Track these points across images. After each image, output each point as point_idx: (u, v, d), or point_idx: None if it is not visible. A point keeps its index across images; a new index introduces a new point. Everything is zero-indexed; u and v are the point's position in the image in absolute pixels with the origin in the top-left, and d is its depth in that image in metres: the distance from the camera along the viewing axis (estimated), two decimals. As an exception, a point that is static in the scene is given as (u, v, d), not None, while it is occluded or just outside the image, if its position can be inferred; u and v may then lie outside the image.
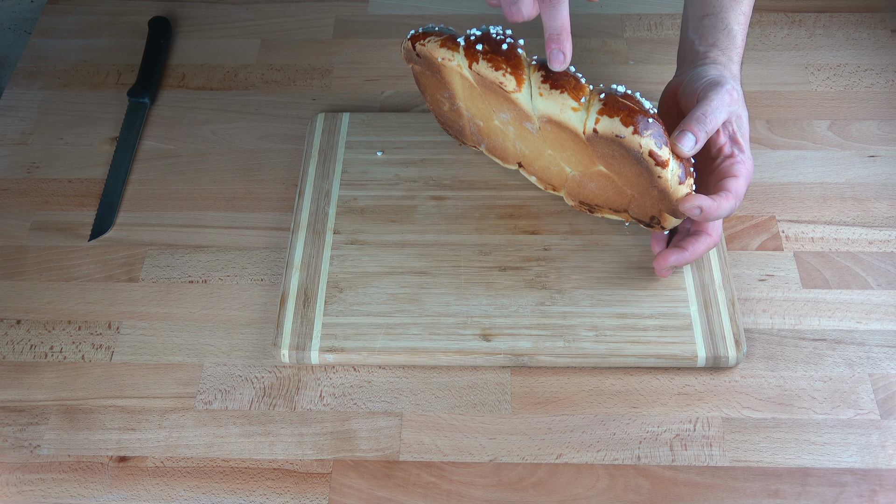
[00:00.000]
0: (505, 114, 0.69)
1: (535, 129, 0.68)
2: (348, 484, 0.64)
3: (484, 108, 0.71)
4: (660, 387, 0.68)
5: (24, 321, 0.73)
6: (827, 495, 0.63)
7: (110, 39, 0.96)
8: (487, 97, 0.69)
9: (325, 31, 0.96)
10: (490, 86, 0.67)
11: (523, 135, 0.71)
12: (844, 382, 0.68)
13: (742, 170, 0.66)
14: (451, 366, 0.70)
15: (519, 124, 0.69)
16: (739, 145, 0.67)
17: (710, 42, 0.72)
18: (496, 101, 0.68)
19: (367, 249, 0.75)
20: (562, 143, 0.68)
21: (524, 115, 0.67)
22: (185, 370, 0.70)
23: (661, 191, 0.65)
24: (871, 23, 0.94)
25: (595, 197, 0.72)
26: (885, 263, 0.75)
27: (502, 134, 0.73)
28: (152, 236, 0.78)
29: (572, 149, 0.68)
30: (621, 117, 0.62)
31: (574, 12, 0.95)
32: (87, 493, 0.64)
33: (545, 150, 0.71)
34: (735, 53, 0.72)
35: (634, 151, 0.62)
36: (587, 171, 0.70)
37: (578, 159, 0.69)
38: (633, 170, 0.65)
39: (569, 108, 0.64)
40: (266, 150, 0.85)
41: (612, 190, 0.70)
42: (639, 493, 0.63)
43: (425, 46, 0.68)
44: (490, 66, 0.65)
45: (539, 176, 0.76)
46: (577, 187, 0.73)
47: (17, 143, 0.86)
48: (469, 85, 0.69)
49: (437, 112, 0.78)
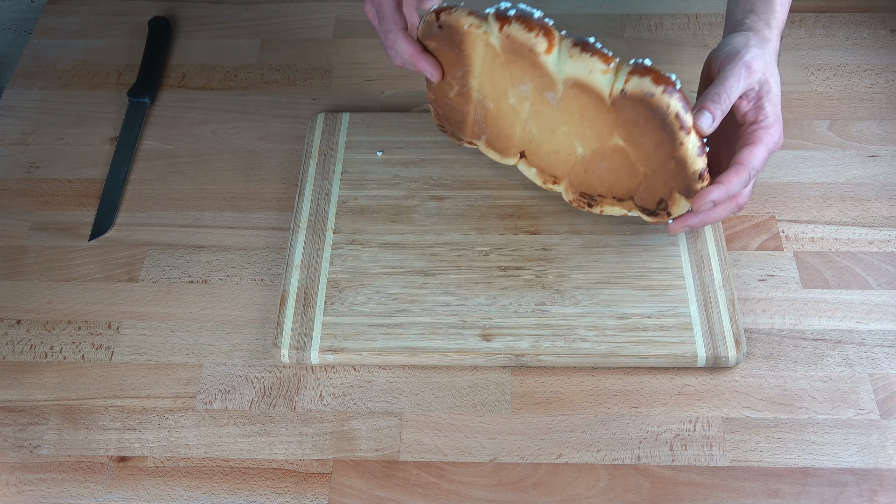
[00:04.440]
0: (525, 85, 0.69)
1: (557, 99, 0.68)
2: (348, 484, 0.64)
3: (501, 82, 0.70)
4: (660, 387, 0.68)
5: (24, 321, 0.73)
6: (827, 495, 0.63)
7: (110, 39, 0.96)
8: (510, 67, 0.68)
9: (325, 31, 0.96)
10: (518, 50, 0.67)
11: (539, 110, 0.70)
12: (844, 382, 0.68)
13: (763, 136, 0.66)
14: (451, 366, 0.70)
15: (539, 96, 0.69)
16: (764, 111, 0.67)
17: (747, 8, 0.72)
18: (519, 69, 0.68)
19: (367, 249, 0.75)
20: (582, 112, 0.68)
21: (548, 83, 0.67)
22: (185, 370, 0.70)
23: (679, 162, 0.65)
24: (871, 23, 0.94)
25: (601, 182, 0.72)
26: (885, 263, 0.75)
27: (512, 115, 0.72)
28: (152, 236, 0.78)
29: (592, 119, 0.68)
30: (651, 77, 0.63)
31: (574, 12, 0.96)
32: (87, 493, 0.64)
33: (560, 126, 0.70)
34: (773, 18, 0.72)
35: (662, 112, 0.63)
36: (602, 146, 0.69)
37: (595, 132, 0.69)
38: (653, 139, 0.65)
39: (598, 71, 0.65)
40: (266, 150, 0.85)
41: (623, 170, 0.70)
42: (639, 493, 0.63)
43: (451, 15, 0.68)
44: (522, 27, 0.66)
45: (541, 167, 0.75)
46: (584, 172, 0.72)
47: (17, 143, 0.86)
48: (492, 55, 0.69)
49: (439, 103, 0.77)
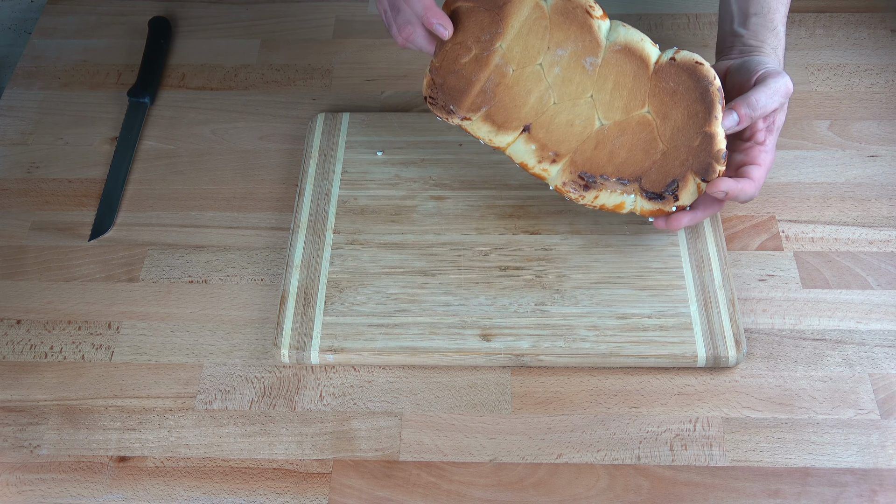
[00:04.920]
0: (564, 49, 0.70)
1: (595, 65, 0.70)
2: (348, 484, 0.64)
3: (535, 45, 0.71)
4: (660, 387, 0.68)
5: (24, 321, 0.73)
6: (827, 495, 0.63)
7: (110, 39, 0.96)
8: (555, 29, 0.70)
9: (325, 31, 0.96)
10: (572, 13, 0.69)
11: (568, 77, 0.70)
12: (844, 382, 0.68)
13: (767, 159, 0.69)
14: (451, 366, 0.70)
15: (574, 61, 0.70)
16: (771, 136, 0.70)
17: (760, 39, 0.74)
18: (562, 32, 0.70)
19: (367, 249, 0.75)
20: (619, 78, 0.69)
21: (591, 47, 0.69)
22: (185, 370, 0.70)
23: (706, 137, 0.67)
24: (871, 23, 0.94)
25: (610, 160, 0.70)
26: (885, 263, 0.75)
27: (532, 82, 0.71)
28: (152, 236, 0.78)
29: (627, 86, 0.69)
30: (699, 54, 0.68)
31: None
32: (87, 493, 0.64)
33: (586, 94, 0.70)
34: (782, 53, 0.75)
35: (707, 82, 0.67)
36: (626, 117, 0.69)
37: (624, 102, 0.70)
38: (687, 110, 0.68)
39: (648, 41, 0.69)
40: (266, 150, 0.85)
41: (641, 145, 0.69)
42: (639, 493, 0.63)
43: None
44: None
45: (545, 142, 0.71)
46: (594, 148, 0.70)
47: (17, 143, 0.86)
48: (536, 16, 0.70)
49: (444, 69, 0.72)
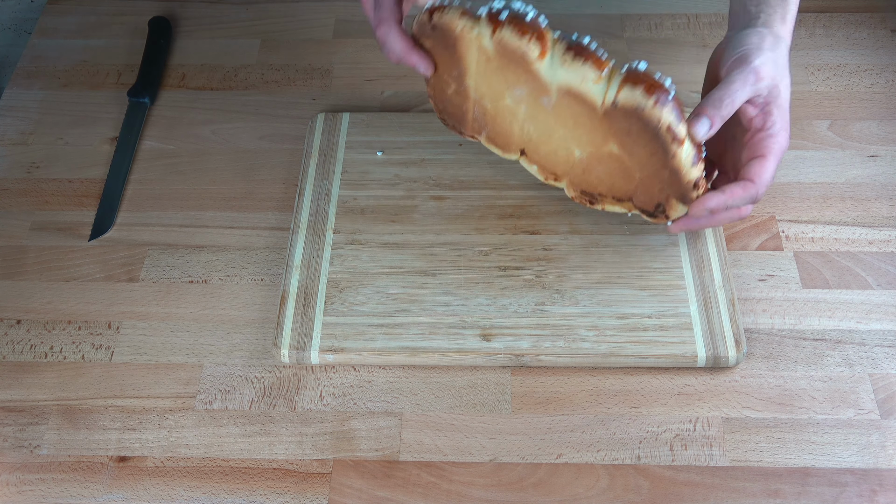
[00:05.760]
0: (520, 89, 0.67)
1: (551, 104, 0.67)
2: (348, 484, 0.64)
3: (497, 84, 0.69)
4: (660, 387, 0.68)
5: (24, 321, 0.73)
6: (827, 495, 0.63)
7: (110, 39, 0.96)
8: (504, 71, 0.67)
9: (325, 31, 0.96)
10: (511, 56, 0.65)
11: (535, 113, 0.69)
12: (844, 382, 0.68)
13: (772, 145, 0.65)
14: (451, 366, 0.70)
15: (534, 100, 0.68)
16: (772, 117, 0.66)
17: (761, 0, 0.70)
18: (513, 74, 0.66)
19: (367, 249, 0.75)
20: (576, 119, 0.67)
21: (541, 88, 0.66)
22: (185, 370, 0.70)
23: (673, 171, 0.64)
24: (871, 23, 0.94)
25: (600, 183, 0.71)
26: (885, 263, 0.75)
27: (510, 115, 0.71)
28: (152, 236, 0.78)
29: (586, 126, 0.67)
30: (643, 88, 0.62)
31: (574, 12, 0.96)
32: (87, 493, 0.64)
33: (556, 130, 0.69)
34: (788, 13, 0.69)
35: (653, 125, 0.62)
36: (598, 151, 0.68)
37: (590, 138, 0.68)
38: (646, 149, 0.65)
39: (590, 80, 0.63)
40: (266, 150, 0.85)
41: (620, 174, 0.69)
42: (639, 493, 0.63)
43: (444, 16, 0.66)
44: (514, 32, 0.64)
45: (542, 164, 0.74)
46: (583, 173, 0.71)
47: (17, 143, 0.86)
48: (485, 59, 0.67)
49: (438, 98, 0.75)
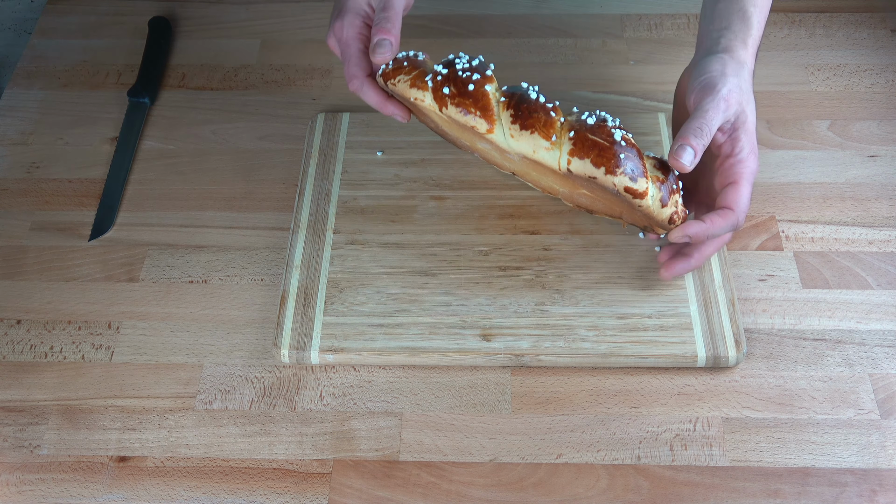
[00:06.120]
0: (485, 144, 0.69)
1: (518, 160, 0.69)
2: (348, 484, 0.64)
3: (465, 136, 0.71)
4: (660, 387, 0.68)
5: (24, 321, 0.73)
6: (827, 495, 0.63)
7: (110, 39, 0.96)
8: (466, 131, 0.68)
9: (325, 31, 0.95)
10: (465, 126, 0.66)
11: (508, 159, 0.71)
12: (844, 382, 0.68)
13: (742, 170, 0.65)
14: (451, 366, 0.70)
15: (501, 153, 0.70)
16: (740, 143, 0.66)
17: (723, 25, 0.70)
18: (476, 135, 0.68)
19: (367, 249, 0.75)
20: (543, 172, 0.69)
21: (503, 149, 0.67)
22: (185, 370, 0.70)
23: (644, 214, 0.66)
24: (871, 23, 0.94)
25: (590, 205, 0.74)
26: (885, 263, 0.74)
27: (490, 154, 0.73)
28: (152, 236, 0.78)
29: (554, 177, 0.69)
30: (591, 158, 0.63)
31: (574, 12, 0.96)
32: (87, 493, 0.64)
33: (531, 172, 0.72)
34: (749, 38, 0.69)
35: (610, 189, 0.63)
36: (574, 191, 0.71)
37: (562, 184, 0.71)
38: (614, 199, 0.67)
39: (542, 148, 0.64)
40: (266, 150, 0.85)
41: (603, 204, 0.71)
42: (639, 493, 0.63)
43: (396, 87, 0.67)
44: (459, 110, 0.65)
45: (534, 184, 0.76)
46: (570, 197, 0.74)
47: (17, 143, 0.86)
48: (447, 120, 0.68)
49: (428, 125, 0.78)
